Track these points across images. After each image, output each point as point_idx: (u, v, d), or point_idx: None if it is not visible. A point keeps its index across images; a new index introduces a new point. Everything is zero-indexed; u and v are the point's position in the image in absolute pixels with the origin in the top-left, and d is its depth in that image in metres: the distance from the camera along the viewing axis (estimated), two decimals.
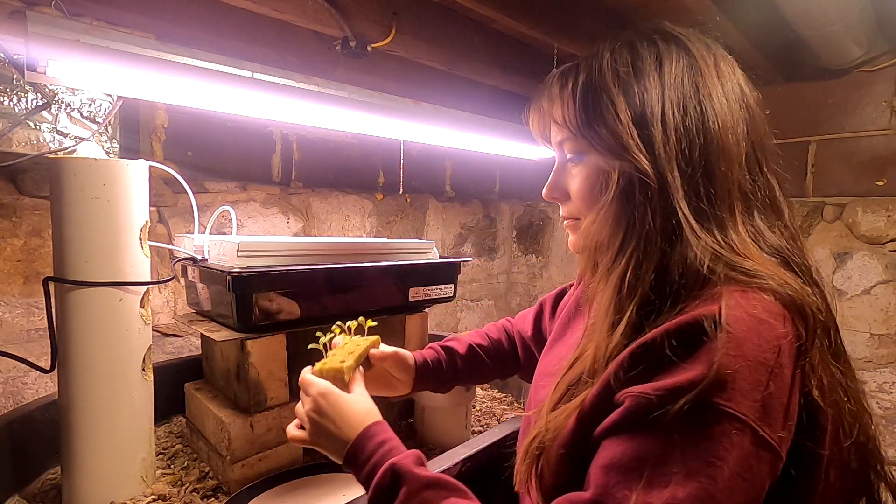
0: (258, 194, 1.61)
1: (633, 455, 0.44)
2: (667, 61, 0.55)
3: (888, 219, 1.76)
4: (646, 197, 0.52)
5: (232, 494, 0.84)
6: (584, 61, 0.60)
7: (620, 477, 0.44)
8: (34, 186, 1.16)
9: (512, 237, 2.77)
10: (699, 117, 0.53)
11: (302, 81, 0.95)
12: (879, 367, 1.81)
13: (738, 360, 0.43)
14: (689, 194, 0.52)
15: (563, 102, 0.60)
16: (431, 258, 1.17)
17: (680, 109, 0.53)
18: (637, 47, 0.57)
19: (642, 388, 0.45)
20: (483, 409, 1.22)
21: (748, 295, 0.47)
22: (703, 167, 0.52)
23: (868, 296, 1.82)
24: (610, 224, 0.56)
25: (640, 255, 0.52)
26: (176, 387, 1.06)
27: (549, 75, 0.65)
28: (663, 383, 0.44)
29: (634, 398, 0.45)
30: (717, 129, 0.53)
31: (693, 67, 0.55)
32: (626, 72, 0.55)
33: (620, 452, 0.45)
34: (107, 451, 0.81)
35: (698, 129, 0.53)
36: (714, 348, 0.44)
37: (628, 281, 0.52)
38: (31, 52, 0.71)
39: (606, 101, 0.55)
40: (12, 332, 1.15)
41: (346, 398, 0.65)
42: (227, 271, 0.86)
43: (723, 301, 0.46)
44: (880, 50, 1.72)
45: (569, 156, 0.62)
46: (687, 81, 0.54)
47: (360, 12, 1.25)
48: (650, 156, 0.52)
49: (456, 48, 1.52)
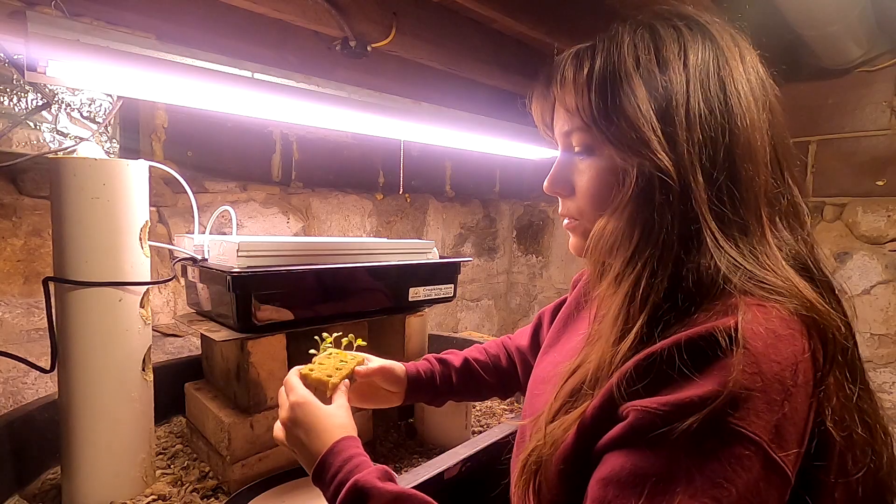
0: (258, 194, 1.61)
1: (635, 470, 0.42)
2: (692, 50, 0.50)
3: (888, 219, 1.76)
4: (667, 199, 0.48)
5: (232, 494, 0.84)
6: (600, 43, 0.54)
7: (619, 492, 0.42)
8: (34, 186, 1.16)
9: (512, 237, 2.77)
10: (725, 113, 0.48)
11: (302, 81, 0.95)
12: (879, 367, 1.81)
13: (755, 378, 0.40)
14: (713, 198, 0.47)
15: (576, 89, 0.54)
16: (431, 258, 1.17)
17: (705, 105, 0.48)
18: (659, 32, 0.52)
19: (648, 402, 0.43)
20: (483, 409, 1.22)
21: (766, 309, 0.44)
22: (728, 169, 0.48)
23: (868, 296, 1.82)
24: (624, 227, 0.51)
25: (656, 263, 0.48)
26: (176, 387, 1.06)
27: (559, 57, 0.58)
28: (671, 398, 0.42)
29: (639, 412, 0.43)
30: (743, 128, 0.49)
31: (719, 59, 0.50)
32: (648, 59, 0.50)
33: (620, 467, 0.43)
34: (107, 451, 0.81)
35: (724, 127, 0.48)
36: (728, 364, 0.41)
37: (641, 290, 0.48)
38: (31, 52, 0.71)
39: (627, 90, 0.50)
40: (12, 332, 1.15)
41: (322, 411, 0.63)
42: (227, 271, 0.86)
43: (739, 314, 0.43)
44: (880, 50, 1.72)
45: (577, 148, 0.57)
46: (712, 74, 0.50)
47: (360, 12, 1.25)
48: (673, 154, 0.48)
49: (456, 48, 1.52)
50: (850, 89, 1.80)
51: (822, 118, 1.84)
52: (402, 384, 0.82)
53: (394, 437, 1.09)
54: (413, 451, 1.03)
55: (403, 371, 0.83)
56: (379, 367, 0.79)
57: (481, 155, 1.60)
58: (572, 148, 0.58)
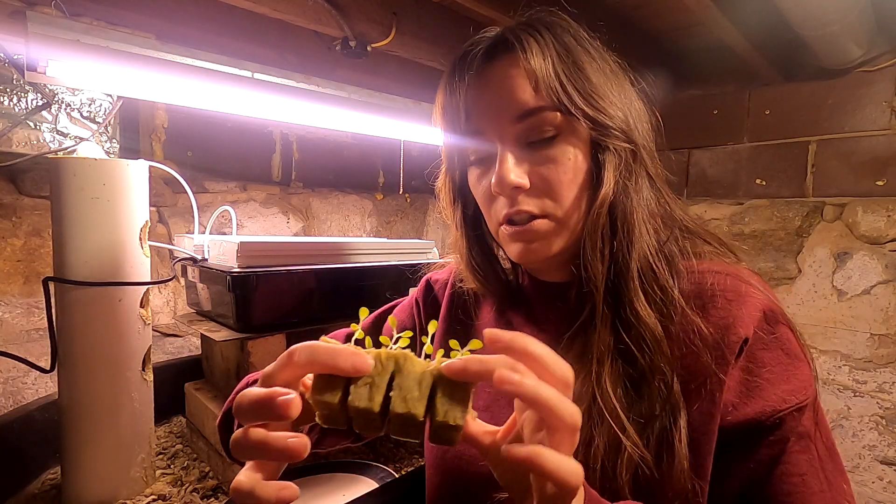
0: (258, 194, 1.61)
1: (805, 464, 0.45)
2: (591, 45, 0.55)
3: (888, 219, 1.76)
4: (650, 187, 0.53)
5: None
6: (541, 26, 0.52)
7: (805, 487, 0.44)
8: (34, 186, 1.16)
9: None
10: (630, 96, 0.55)
11: (302, 81, 0.95)
12: (879, 367, 1.80)
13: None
14: (663, 180, 0.55)
15: (544, 61, 0.49)
16: (431, 258, 1.17)
17: (620, 88, 0.54)
18: (563, 26, 0.55)
19: (772, 405, 0.45)
20: None
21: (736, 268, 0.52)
22: (654, 152, 0.55)
23: (868, 296, 1.82)
24: (604, 223, 0.50)
25: (654, 251, 0.50)
26: (176, 387, 1.06)
27: (500, 32, 0.53)
28: (786, 388, 0.45)
29: (786, 416, 0.45)
30: (642, 110, 0.55)
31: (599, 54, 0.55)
32: (590, 46, 0.54)
33: (799, 464, 0.45)
34: (107, 451, 0.81)
35: (639, 112, 0.55)
36: (791, 336, 0.48)
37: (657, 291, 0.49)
38: (31, 52, 0.71)
39: (594, 76, 0.52)
40: (12, 332, 1.15)
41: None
42: (227, 271, 0.85)
43: (753, 287, 0.49)
44: (880, 50, 1.72)
45: (549, 131, 0.50)
46: (608, 65, 0.55)
47: (360, 12, 1.25)
48: (641, 141, 0.53)
49: (456, 48, 1.52)
50: (850, 89, 1.80)
51: (822, 118, 1.84)
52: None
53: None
54: (413, 451, 1.03)
55: None
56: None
57: None
58: (534, 133, 0.51)
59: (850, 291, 1.85)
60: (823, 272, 1.89)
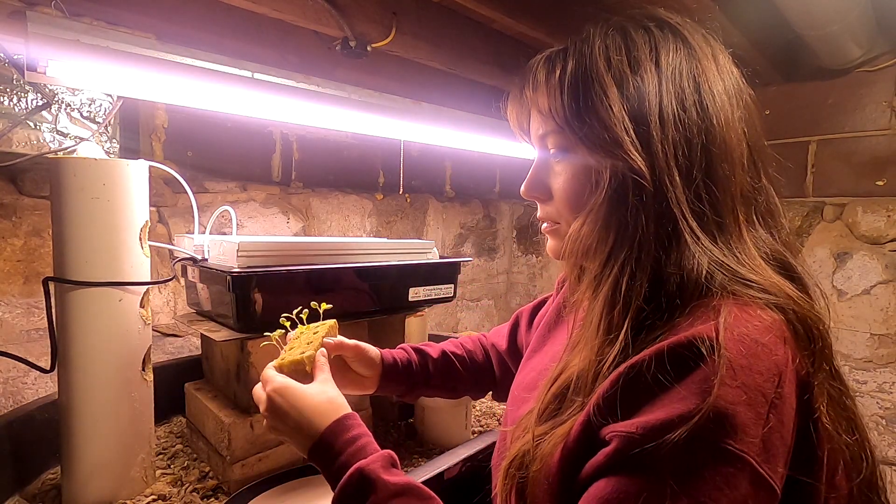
0: (258, 194, 1.61)
1: (620, 496, 0.40)
2: (663, 51, 0.51)
3: (888, 219, 1.76)
4: (640, 200, 0.48)
5: (232, 494, 0.84)
6: (572, 46, 0.54)
7: None
8: (34, 186, 1.16)
9: (512, 237, 2.77)
10: (700, 114, 0.49)
11: (302, 81, 0.95)
12: (879, 367, 1.81)
13: (736, 392, 0.39)
14: (690, 198, 0.47)
15: (549, 91, 0.54)
16: (431, 258, 1.17)
17: (679, 104, 0.48)
18: (630, 33, 0.52)
19: (628, 426, 0.41)
20: (483, 409, 1.22)
21: (748, 311, 0.43)
22: (705, 168, 0.48)
23: (868, 296, 1.82)
24: (598, 229, 0.51)
25: (633, 265, 0.48)
26: (176, 387, 1.06)
27: (532, 60, 0.58)
28: (652, 418, 0.40)
29: (621, 438, 0.41)
30: (719, 128, 0.49)
31: (692, 59, 0.51)
32: (619, 60, 0.50)
33: (607, 493, 0.41)
34: (107, 451, 0.81)
35: (699, 127, 0.48)
36: (707, 376, 0.40)
37: (622, 293, 0.48)
38: (31, 52, 0.71)
39: (599, 91, 0.50)
40: (12, 332, 1.15)
41: (304, 392, 0.61)
42: (227, 271, 0.86)
43: (721, 318, 0.42)
44: (880, 50, 1.72)
45: (553, 151, 0.57)
46: (686, 74, 0.50)
47: (360, 12, 1.25)
48: (646, 154, 0.48)
49: (456, 48, 1.52)
50: (850, 89, 1.80)
51: (822, 118, 1.84)
52: (376, 369, 0.79)
53: (394, 436, 1.09)
54: (413, 451, 1.03)
55: (378, 355, 0.80)
56: (353, 345, 0.77)
57: (481, 155, 1.60)
58: (548, 151, 0.57)
59: (850, 291, 1.85)
60: (823, 272, 1.89)
